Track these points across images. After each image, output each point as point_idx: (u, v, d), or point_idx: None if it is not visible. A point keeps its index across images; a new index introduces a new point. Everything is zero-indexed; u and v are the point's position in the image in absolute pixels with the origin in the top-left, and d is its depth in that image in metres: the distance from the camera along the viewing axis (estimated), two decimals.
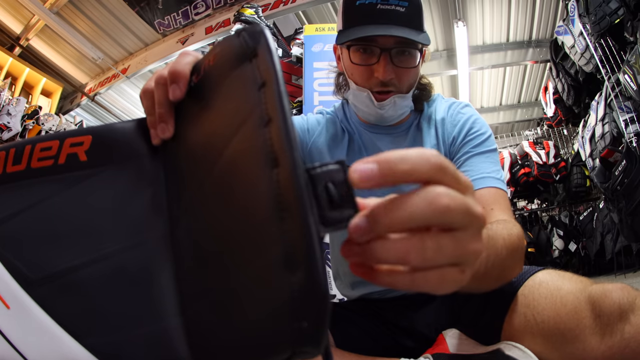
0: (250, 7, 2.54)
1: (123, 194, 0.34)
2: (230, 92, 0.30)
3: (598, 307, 0.52)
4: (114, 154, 0.35)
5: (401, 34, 0.69)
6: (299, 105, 2.38)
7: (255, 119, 0.25)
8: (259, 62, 0.27)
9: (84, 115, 5.06)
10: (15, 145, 0.34)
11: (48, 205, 0.33)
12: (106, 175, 0.34)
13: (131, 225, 0.33)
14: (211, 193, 0.29)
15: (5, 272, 0.31)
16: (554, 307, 0.57)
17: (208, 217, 0.29)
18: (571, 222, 3.68)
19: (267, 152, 0.23)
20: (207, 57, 0.33)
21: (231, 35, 0.31)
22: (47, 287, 0.31)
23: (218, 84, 0.31)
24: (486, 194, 0.69)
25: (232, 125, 0.28)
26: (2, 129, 3.38)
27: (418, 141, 0.82)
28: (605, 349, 0.50)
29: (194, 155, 0.32)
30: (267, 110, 0.24)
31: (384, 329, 0.80)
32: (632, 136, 2.51)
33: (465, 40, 3.99)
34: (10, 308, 0.31)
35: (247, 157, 0.25)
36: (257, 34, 0.29)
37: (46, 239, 0.32)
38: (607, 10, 2.63)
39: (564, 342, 0.54)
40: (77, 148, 0.34)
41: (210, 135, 0.31)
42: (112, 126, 0.36)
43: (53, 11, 3.68)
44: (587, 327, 0.53)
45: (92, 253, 0.32)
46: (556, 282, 0.60)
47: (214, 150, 0.29)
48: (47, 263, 0.32)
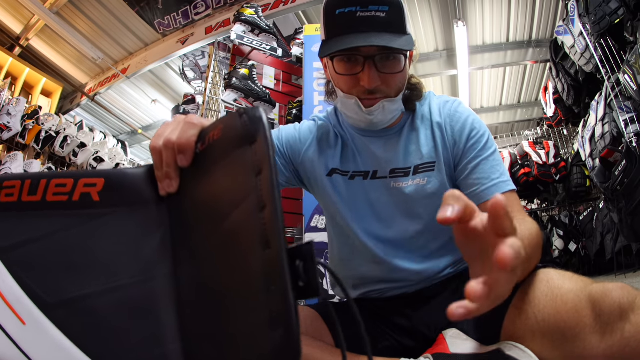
0: (250, 7, 2.54)
1: (132, 235, 0.39)
2: (232, 170, 0.36)
3: (598, 306, 0.52)
4: (125, 198, 0.40)
5: (382, 42, 0.68)
6: (299, 105, 2.38)
7: (253, 201, 0.32)
8: (257, 149, 0.34)
9: (84, 115, 5.06)
10: (31, 178, 0.39)
11: (63, 237, 0.38)
12: (117, 216, 0.39)
13: (140, 263, 0.38)
14: (214, 251, 0.36)
15: (22, 293, 0.36)
16: (554, 305, 0.57)
17: (210, 270, 0.35)
18: (571, 222, 3.67)
19: (261, 234, 0.31)
20: (213, 130, 0.39)
21: (234, 114, 0.37)
22: (64, 310, 0.36)
23: (222, 158, 0.37)
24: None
25: (233, 199, 0.34)
26: (2, 129, 3.38)
27: (413, 141, 0.82)
28: (605, 348, 0.50)
29: (197, 213, 0.38)
30: (262, 197, 0.31)
31: (384, 328, 0.79)
32: (632, 136, 2.51)
33: (465, 40, 3.99)
34: (26, 324, 0.35)
35: (246, 233, 0.32)
36: (257, 121, 0.35)
37: (62, 267, 0.37)
38: (607, 10, 2.63)
39: (564, 340, 0.54)
40: (90, 188, 0.39)
41: (214, 201, 0.37)
42: (123, 172, 0.41)
43: (53, 11, 3.68)
44: (587, 325, 0.53)
45: (105, 284, 0.37)
46: (556, 280, 0.60)
47: (217, 216, 0.36)
48: (64, 289, 0.36)
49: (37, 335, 0.35)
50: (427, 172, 0.80)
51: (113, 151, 4.48)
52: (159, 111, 5.41)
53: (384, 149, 0.83)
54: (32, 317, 0.35)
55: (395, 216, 0.82)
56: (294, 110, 2.39)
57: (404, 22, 0.71)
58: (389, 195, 0.82)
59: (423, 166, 0.80)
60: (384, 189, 0.82)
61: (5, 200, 0.38)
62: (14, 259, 0.37)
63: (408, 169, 0.81)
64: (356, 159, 0.85)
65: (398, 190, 0.81)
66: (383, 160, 0.82)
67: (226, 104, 2.18)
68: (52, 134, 3.75)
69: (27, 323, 0.35)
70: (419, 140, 0.82)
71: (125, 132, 5.87)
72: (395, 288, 0.82)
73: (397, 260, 0.80)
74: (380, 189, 0.82)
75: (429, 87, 4.58)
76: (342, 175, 0.84)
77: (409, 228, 0.81)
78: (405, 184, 0.80)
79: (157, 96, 5.17)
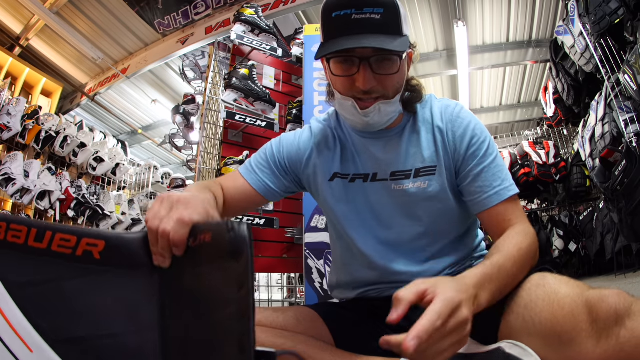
0: (250, 7, 2.54)
1: (128, 294, 0.45)
2: (220, 277, 0.43)
3: (595, 311, 0.53)
4: (123, 260, 0.46)
5: (376, 43, 0.68)
6: (298, 105, 2.38)
7: (234, 311, 0.41)
8: (241, 268, 0.41)
9: (84, 115, 5.06)
10: (37, 227, 0.44)
11: (67, 285, 0.44)
12: (115, 275, 0.45)
13: (134, 317, 0.44)
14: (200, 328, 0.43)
15: (29, 324, 0.41)
16: (551, 309, 0.58)
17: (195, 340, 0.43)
18: (571, 222, 3.67)
19: (240, 340, 0.40)
20: (204, 232, 0.45)
21: (223, 226, 0.43)
22: (69, 347, 0.42)
23: (210, 261, 0.44)
24: (503, 209, 0.76)
25: (218, 303, 0.42)
26: (2, 129, 3.38)
27: (414, 144, 0.82)
28: (600, 352, 0.52)
29: (186, 297, 0.45)
30: (242, 310, 0.40)
31: (383, 327, 0.80)
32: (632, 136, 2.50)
33: (465, 40, 3.99)
34: (33, 352, 0.41)
35: (227, 335, 0.41)
36: (242, 241, 0.42)
37: (66, 310, 0.43)
38: (607, 10, 2.63)
39: (560, 344, 0.55)
40: (92, 248, 0.45)
41: (201, 295, 0.44)
42: (122, 236, 0.47)
43: (53, 11, 3.68)
44: (583, 330, 0.54)
45: (103, 330, 0.43)
46: (553, 285, 0.61)
47: (203, 309, 0.44)
48: (67, 329, 0.43)
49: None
50: (428, 176, 0.80)
51: (113, 151, 4.47)
52: (159, 111, 5.41)
53: (384, 151, 0.83)
54: (39, 347, 0.41)
55: (395, 218, 0.82)
56: (294, 110, 2.39)
57: (399, 23, 0.71)
58: (390, 197, 0.82)
59: (424, 170, 0.81)
60: (384, 191, 0.82)
61: (12, 240, 0.43)
62: (22, 295, 0.42)
63: (409, 171, 0.81)
64: (356, 162, 0.85)
65: (399, 192, 0.81)
66: (383, 163, 0.83)
67: (226, 104, 2.18)
68: (52, 134, 3.75)
69: (34, 351, 0.41)
70: (420, 143, 0.82)
71: (125, 132, 5.87)
72: (394, 288, 0.83)
73: (395, 263, 0.81)
74: (380, 191, 0.83)
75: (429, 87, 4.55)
76: (342, 179, 0.85)
77: (408, 230, 0.82)
78: (406, 187, 0.81)
79: (157, 96, 5.17)
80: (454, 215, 0.82)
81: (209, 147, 2.39)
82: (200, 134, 2.39)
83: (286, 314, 0.74)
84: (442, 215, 0.81)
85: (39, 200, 3.43)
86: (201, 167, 2.28)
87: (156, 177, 4.87)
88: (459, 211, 0.83)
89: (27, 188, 3.34)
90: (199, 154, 2.30)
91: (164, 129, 5.44)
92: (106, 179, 4.43)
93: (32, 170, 3.46)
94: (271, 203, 2.16)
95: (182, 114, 3.21)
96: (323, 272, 2.00)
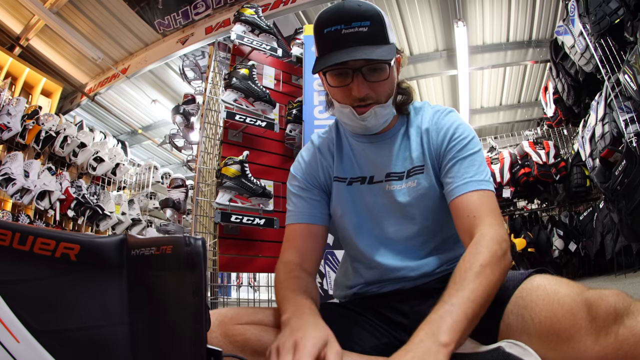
0: (250, 7, 2.54)
1: (101, 290, 0.52)
2: (177, 283, 0.51)
3: (594, 310, 0.54)
4: (96, 262, 0.53)
5: (365, 55, 0.74)
6: (298, 105, 2.38)
7: (189, 313, 0.48)
8: (195, 277, 0.49)
9: (84, 115, 5.07)
10: (20, 231, 0.50)
11: (48, 283, 0.50)
12: (90, 274, 0.52)
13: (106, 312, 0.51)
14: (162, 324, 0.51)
15: (15, 318, 0.47)
16: (551, 308, 0.59)
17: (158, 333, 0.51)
18: (571, 222, 3.68)
19: (193, 337, 0.48)
20: (166, 244, 0.52)
21: (181, 242, 0.51)
22: (50, 337, 0.48)
23: (170, 269, 0.52)
24: (469, 200, 0.76)
25: (176, 303, 0.50)
26: (2, 129, 3.38)
27: (406, 147, 0.87)
28: (599, 350, 0.52)
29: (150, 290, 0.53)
30: (195, 313, 0.48)
31: (382, 325, 0.81)
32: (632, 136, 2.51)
33: (465, 40, 3.99)
34: (19, 342, 0.46)
35: (184, 331, 0.49)
36: (197, 255, 0.50)
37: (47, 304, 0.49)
38: (607, 10, 2.63)
39: (559, 341, 0.56)
40: (69, 251, 0.51)
41: (162, 297, 0.52)
42: (96, 240, 0.54)
43: (53, 11, 3.68)
44: (582, 327, 0.54)
45: (80, 323, 0.50)
46: (553, 285, 0.62)
47: (163, 308, 0.51)
48: (48, 321, 0.48)
49: (30, 352, 0.46)
50: (417, 175, 0.85)
51: (113, 151, 4.48)
52: (159, 111, 5.41)
53: (380, 154, 0.88)
54: (25, 338, 0.47)
55: (391, 218, 0.86)
56: (294, 110, 2.39)
57: (385, 33, 0.77)
58: (385, 198, 0.86)
59: (414, 170, 0.85)
60: (380, 192, 0.87)
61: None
62: (9, 292, 0.48)
63: (402, 173, 0.86)
64: (354, 166, 0.90)
65: (392, 192, 0.85)
66: (379, 165, 0.87)
67: (226, 104, 2.18)
68: (52, 134, 3.75)
69: (20, 342, 0.46)
70: (411, 146, 0.87)
71: (125, 132, 5.87)
72: (393, 284, 0.86)
73: (393, 261, 0.84)
74: (377, 192, 0.87)
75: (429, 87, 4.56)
76: (341, 182, 0.90)
77: (404, 228, 0.85)
78: (399, 187, 0.85)
79: (157, 96, 5.17)
80: (445, 212, 0.84)
81: (209, 147, 2.39)
82: (200, 134, 2.39)
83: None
84: (434, 212, 0.84)
85: (39, 200, 3.43)
86: (201, 167, 2.28)
87: (156, 177, 4.88)
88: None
89: (27, 188, 3.34)
90: (199, 154, 2.31)
91: (164, 129, 5.44)
92: (106, 179, 4.43)
93: (32, 170, 3.46)
94: (271, 203, 2.16)
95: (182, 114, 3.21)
96: (323, 272, 2.00)
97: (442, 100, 5.30)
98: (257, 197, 2.08)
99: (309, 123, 2.25)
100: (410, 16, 3.97)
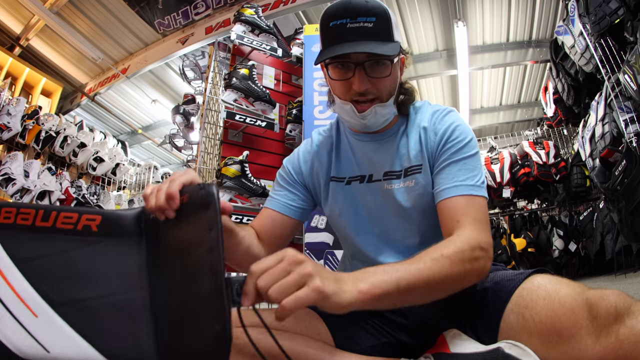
0: (250, 7, 2.54)
1: (120, 258, 0.54)
2: (194, 225, 0.53)
3: (595, 309, 0.54)
4: (116, 232, 0.55)
5: (368, 49, 0.74)
6: (298, 105, 2.38)
7: (206, 247, 0.50)
8: (209, 215, 0.52)
9: (84, 115, 5.07)
10: (44, 208, 0.53)
11: (70, 255, 0.52)
12: (110, 244, 0.54)
13: (125, 279, 0.53)
14: (180, 274, 0.52)
15: (35, 292, 0.49)
16: (551, 307, 0.59)
17: (178, 285, 0.52)
18: (571, 222, 3.67)
19: (210, 267, 0.48)
20: (183, 194, 0.56)
21: (196, 188, 0.55)
22: (68, 307, 0.50)
23: (187, 215, 0.55)
24: (454, 205, 0.74)
25: (194, 243, 0.52)
26: (2, 129, 3.38)
27: (405, 146, 0.87)
28: (599, 349, 0.52)
29: (169, 249, 0.55)
30: (211, 245, 0.49)
31: (382, 325, 0.81)
32: (632, 136, 2.50)
33: (465, 40, 3.99)
34: (37, 317, 0.48)
35: (202, 265, 0.49)
36: (211, 196, 0.53)
37: (67, 276, 0.51)
38: (607, 10, 2.63)
39: (559, 341, 0.56)
40: (90, 222, 0.54)
41: (181, 243, 0.54)
42: (116, 212, 0.57)
43: (53, 11, 3.68)
44: (583, 327, 0.55)
45: (100, 291, 0.51)
46: (554, 285, 0.62)
47: (183, 252, 0.53)
48: (69, 292, 0.50)
49: (47, 324, 0.48)
50: (415, 175, 0.84)
51: (113, 151, 4.48)
52: (159, 111, 5.41)
53: (379, 153, 0.88)
54: (43, 310, 0.48)
55: (389, 216, 0.86)
56: (294, 110, 2.39)
57: (390, 30, 0.77)
58: (383, 196, 0.86)
59: (411, 169, 0.85)
60: (378, 191, 0.87)
61: (21, 222, 0.52)
62: (30, 268, 0.50)
63: (399, 172, 0.86)
64: (352, 164, 0.90)
65: (391, 191, 0.85)
66: (378, 164, 0.88)
67: (226, 104, 2.18)
68: (52, 134, 3.75)
69: (38, 315, 0.48)
70: (409, 145, 0.87)
71: (125, 132, 5.87)
72: None
73: (392, 260, 0.84)
74: (375, 191, 0.87)
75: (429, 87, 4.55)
76: (338, 182, 0.90)
77: (402, 227, 0.85)
78: (398, 186, 0.85)
79: (157, 96, 5.17)
80: None
81: (209, 147, 2.39)
82: (200, 134, 2.39)
83: None
84: (433, 212, 0.83)
85: (39, 200, 3.43)
86: (201, 167, 2.28)
87: (156, 177, 4.88)
88: None
89: (27, 188, 3.34)
90: (199, 154, 2.30)
91: (164, 129, 5.44)
92: (106, 179, 4.43)
93: (32, 170, 3.46)
94: None
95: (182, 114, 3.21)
96: None
97: (442, 100, 5.30)
98: (257, 197, 2.07)
99: (309, 123, 2.25)
100: (410, 16, 3.97)
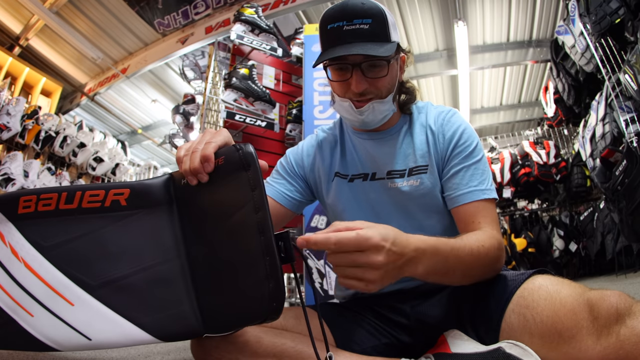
0: (250, 6, 2.53)
1: (153, 228, 0.53)
2: (235, 186, 0.52)
3: (596, 309, 0.55)
4: (146, 202, 0.54)
5: (363, 50, 0.76)
6: (298, 105, 2.38)
7: (251, 207, 0.50)
8: (251, 174, 0.52)
9: (83, 115, 5.06)
10: (67, 190, 0.51)
11: (100, 234, 0.50)
12: (141, 216, 0.53)
13: (161, 249, 0.52)
14: (224, 236, 0.51)
15: (68, 280, 0.48)
16: (553, 307, 0.59)
17: (222, 248, 0.51)
18: (572, 222, 3.67)
19: (259, 226, 0.48)
20: (218, 157, 0.55)
21: (232, 149, 0.54)
22: (105, 289, 0.48)
23: (224, 177, 0.54)
24: (473, 209, 0.79)
25: (236, 204, 0.51)
26: (2, 129, 3.38)
27: (409, 145, 0.88)
28: (600, 349, 0.52)
29: (205, 212, 0.54)
30: (257, 204, 0.50)
31: (383, 325, 0.81)
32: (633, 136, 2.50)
33: (466, 40, 3.99)
34: (74, 305, 0.47)
35: (248, 225, 0.49)
36: (250, 155, 0.53)
37: (101, 256, 0.50)
38: (607, 10, 2.63)
39: (560, 341, 0.56)
40: (119, 197, 0.52)
41: (221, 205, 0.53)
42: (144, 182, 0.55)
43: (53, 11, 3.68)
44: (584, 327, 0.55)
45: (136, 266, 0.50)
46: (555, 285, 0.63)
47: (224, 214, 0.52)
48: (104, 273, 0.49)
49: (85, 311, 0.47)
50: (421, 174, 0.85)
51: (113, 151, 4.47)
52: (159, 111, 5.41)
53: (382, 151, 0.89)
54: (79, 297, 0.47)
55: (392, 215, 0.86)
56: (294, 110, 2.38)
57: (387, 31, 0.79)
58: (387, 195, 0.87)
59: (417, 169, 0.86)
60: (382, 189, 0.87)
61: (43, 209, 0.50)
62: (58, 255, 0.49)
63: (403, 170, 0.87)
64: (355, 162, 0.91)
65: (394, 190, 0.86)
66: (381, 162, 0.88)
67: (226, 103, 2.17)
68: (51, 134, 3.74)
69: (75, 304, 0.47)
70: (414, 144, 0.88)
71: (125, 132, 5.87)
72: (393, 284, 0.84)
73: None
74: (378, 189, 0.87)
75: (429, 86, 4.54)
76: (342, 179, 0.91)
77: (404, 226, 0.84)
78: (401, 185, 0.86)
79: (157, 96, 5.17)
80: (446, 212, 0.84)
81: None
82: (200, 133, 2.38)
83: (286, 314, 0.75)
84: (435, 212, 0.84)
85: None
86: None
87: None
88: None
89: (26, 188, 3.33)
90: None
91: (164, 129, 5.44)
92: (106, 179, 4.43)
93: (31, 170, 3.46)
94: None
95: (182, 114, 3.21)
96: (323, 272, 1.99)
97: (442, 100, 5.29)
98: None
99: (309, 123, 2.24)
100: (411, 16, 3.97)
